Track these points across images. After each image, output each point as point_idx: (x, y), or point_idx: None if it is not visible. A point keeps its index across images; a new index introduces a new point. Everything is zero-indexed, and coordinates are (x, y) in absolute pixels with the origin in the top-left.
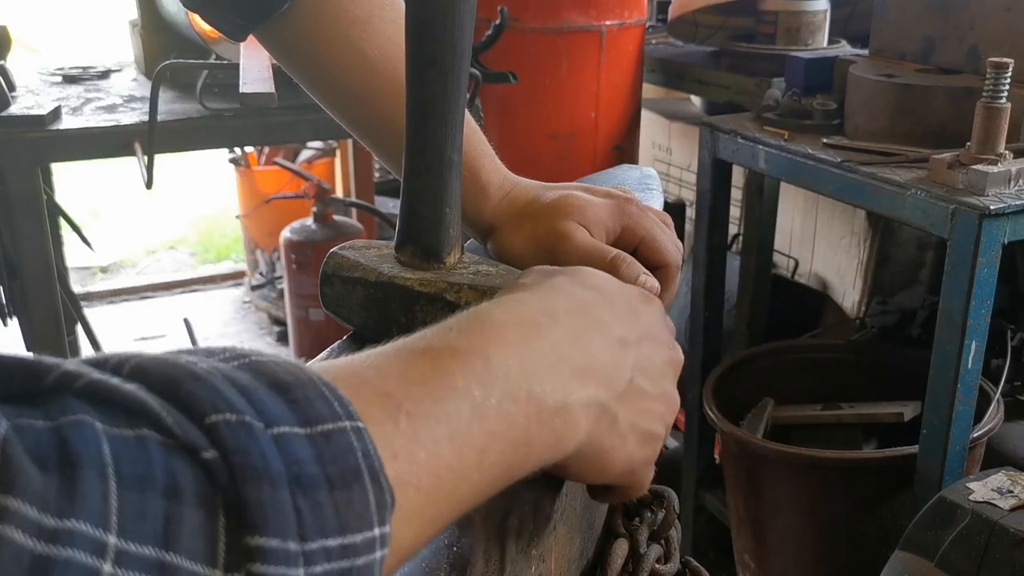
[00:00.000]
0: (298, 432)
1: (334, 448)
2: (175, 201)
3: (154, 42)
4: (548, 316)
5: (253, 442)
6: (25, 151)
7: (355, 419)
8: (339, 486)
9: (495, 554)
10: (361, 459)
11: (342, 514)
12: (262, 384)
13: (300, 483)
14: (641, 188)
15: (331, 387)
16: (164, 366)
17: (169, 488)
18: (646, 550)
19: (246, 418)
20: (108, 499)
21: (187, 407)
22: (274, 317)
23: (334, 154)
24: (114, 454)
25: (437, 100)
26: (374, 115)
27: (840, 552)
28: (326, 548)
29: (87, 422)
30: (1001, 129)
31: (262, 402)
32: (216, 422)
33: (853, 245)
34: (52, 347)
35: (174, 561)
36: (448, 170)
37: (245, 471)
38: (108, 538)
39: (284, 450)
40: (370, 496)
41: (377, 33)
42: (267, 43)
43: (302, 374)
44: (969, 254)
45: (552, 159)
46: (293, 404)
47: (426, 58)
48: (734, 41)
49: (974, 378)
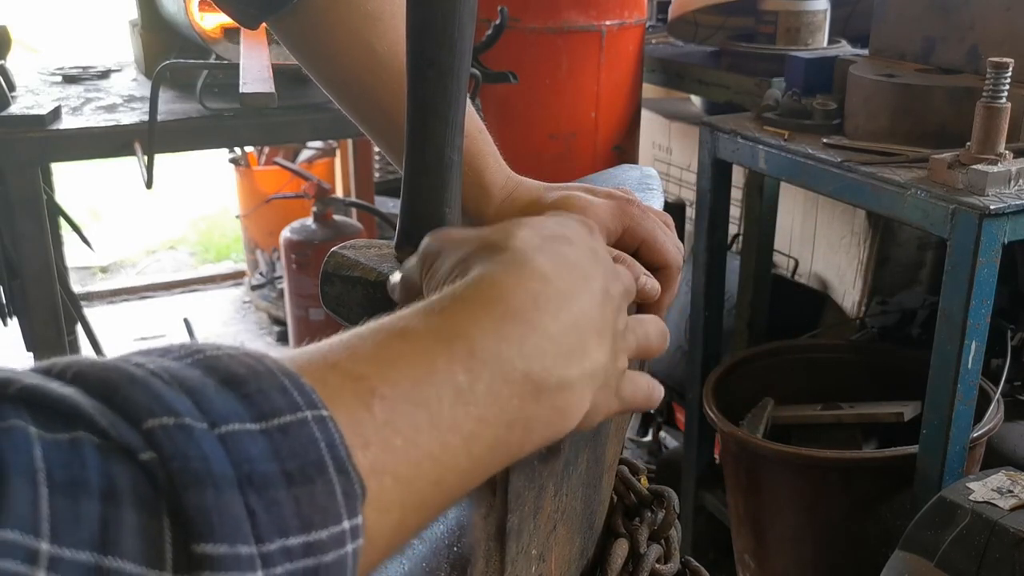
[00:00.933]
0: (250, 428)
1: (292, 442)
2: (175, 201)
3: (154, 42)
4: (542, 281)
5: (193, 445)
6: (25, 151)
7: (318, 408)
8: (299, 481)
9: (495, 554)
10: (325, 450)
11: (304, 511)
12: (212, 380)
13: (252, 482)
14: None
15: (292, 376)
16: (103, 371)
17: (106, 491)
18: (646, 550)
19: (185, 420)
20: (39, 505)
21: (123, 412)
22: (274, 317)
23: (334, 154)
24: (46, 459)
25: (437, 100)
26: (380, 110)
27: (840, 552)
28: (286, 548)
29: (18, 427)
30: (1001, 129)
31: (210, 400)
32: (152, 427)
33: (853, 245)
34: (52, 347)
35: (114, 565)
36: (448, 170)
37: (184, 477)
38: (40, 544)
39: (233, 450)
40: (336, 488)
41: (388, 29)
42: (279, 33)
43: (259, 365)
44: (969, 254)
45: (552, 159)
46: (246, 399)
47: (426, 58)
48: (734, 41)
49: (974, 378)
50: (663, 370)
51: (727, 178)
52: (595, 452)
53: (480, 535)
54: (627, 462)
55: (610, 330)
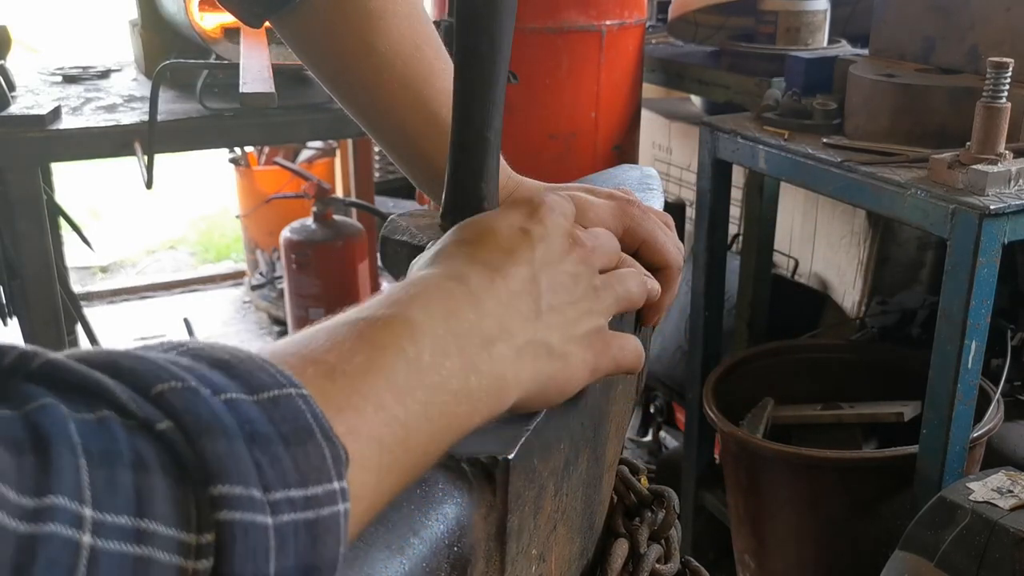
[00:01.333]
0: (245, 398)
1: (283, 410)
2: (175, 201)
3: (154, 42)
4: (457, 280)
5: (202, 403)
6: (25, 151)
7: (298, 386)
8: (294, 442)
9: (495, 554)
10: (311, 419)
11: (301, 467)
12: (202, 364)
13: (255, 439)
14: (642, 188)
15: (269, 361)
16: (101, 353)
17: (136, 462)
18: (646, 550)
19: (191, 383)
20: (80, 474)
21: (132, 383)
22: (274, 317)
23: (334, 154)
24: (81, 433)
25: (478, 84)
26: (382, 108)
27: (840, 552)
28: (290, 498)
29: (53, 404)
30: (1001, 129)
31: (206, 376)
32: (162, 391)
33: (853, 245)
34: (52, 347)
35: (150, 527)
36: (486, 148)
37: (198, 426)
38: (84, 511)
39: (235, 411)
40: (325, 451)
41: (390, 28)
42: (282, 31)
43: (240, 352)
44: (969, 254)
45: (552, 159)
46: (236, 378)
47: (471, 44)
48: (734, 41)
49: (974, 378)
50: (663, 370)
51: (727, 178)
52: (595, 452)
53: (480, 535)
54: (627, 462)
55: (534, 309)
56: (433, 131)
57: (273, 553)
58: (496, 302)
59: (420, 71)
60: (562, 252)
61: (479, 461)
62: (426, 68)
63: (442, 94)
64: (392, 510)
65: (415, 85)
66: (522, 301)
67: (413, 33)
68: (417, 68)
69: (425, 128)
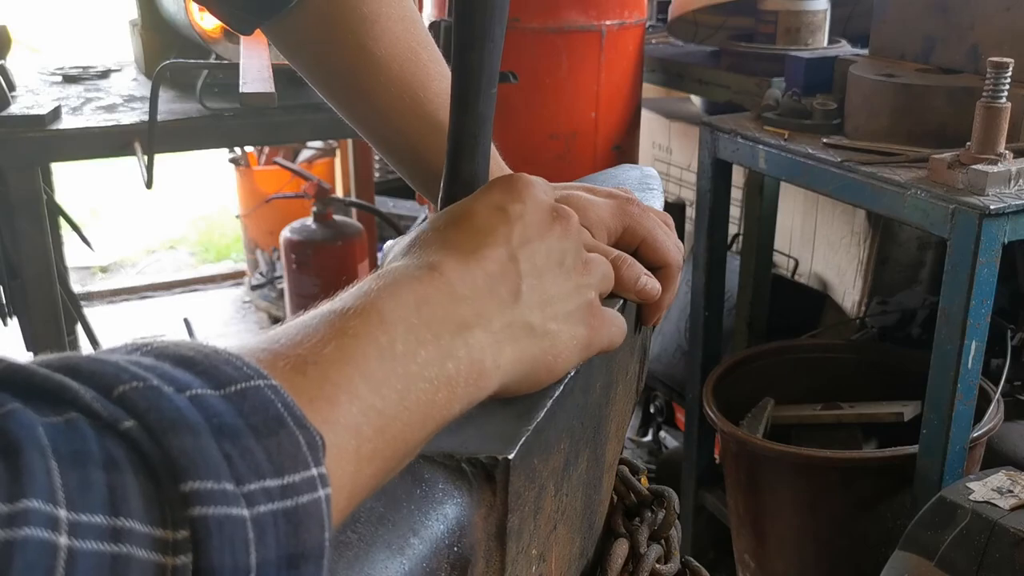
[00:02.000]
0: (211, 393)
1: (252, 402)
2: (175, 201)
3: (154, 42)
4: (429, 268)
5: (165, 400)
6: (25, 151)
7: (266, 377)
8: (265, 433)
9: (495, 554)
10: (282, 408)
11: (274, 457)
12: (166, 362)
13: (224, 432)
14: (642, 188)
15: (236, 355)
16: (61, 358)
17: (107, 461)
18: (646, 550)
19: (153, 382)
20: (52, 476)
21: (93, 384)
22: (274, 317)
23: (334, 154)
24: (50, 436)
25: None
26: (378, 112)
27: (840, 552)
28: (265, 488)
29: (19, 409)
30: (1001, 129)
31: (168, 373)
32: (124, 391)
33: (853, 245)
34: (52, 347)
35: (126, 525)
36: (483, 136)
37: (162, 424)
38: (59, 512)
39: (200, 407)
40: (299, 439)
41: (385, 31)
42: (273, 37)
43: (204, 348)
44: (969, 254)
45: (552, 159)
46: (201, 374)
47: (478, 35)
48: (734, 41)
49: (974, 378)
50: (663, 370)
51: (727, 178)
52: (595, 452)
53: (480, 535)
54: (627, 462)
55: (511, 291)
56: (431, 134)
57: (253, 545)
58: (471, 287)
59: (417, 74)
60: (542, 227)
61: (479, 461)
62: (422, 71)
63: (439, 96)
64: (392, 510)
65: (411, 88)
66: (500, 283)
67: (408, 36)
68: (414, 71)
69: (423, 131)
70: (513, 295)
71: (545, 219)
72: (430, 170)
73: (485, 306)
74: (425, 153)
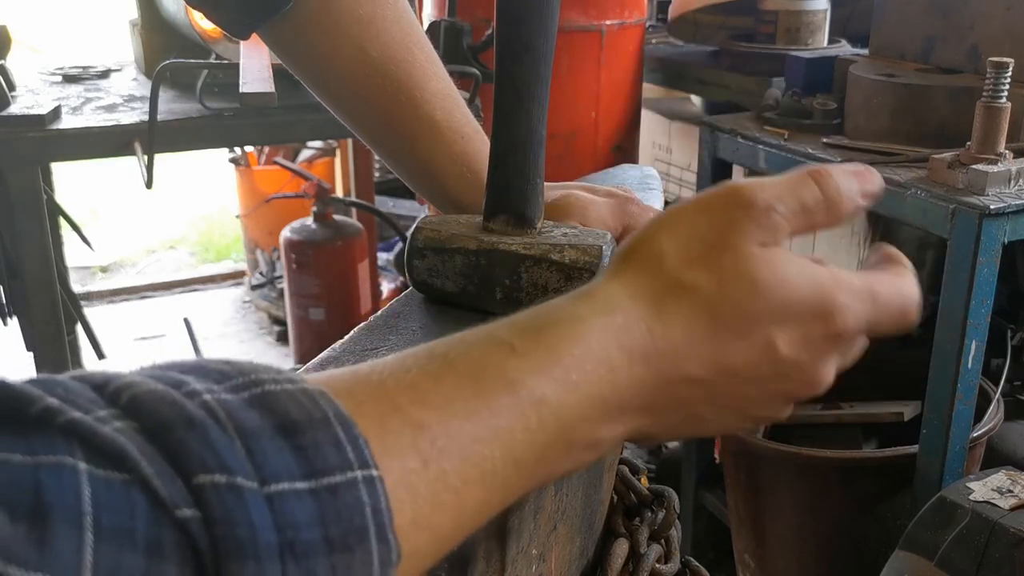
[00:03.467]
0: (299, 488)
1: (339, 504)
2: (175, 201)
3: (154, 42)
4: (627, 354)
5: (241, 509)
6: (25, 151)
7: (369, 467)
8: (340, 548)
9: (495, 554)
10: (369, 516)
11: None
12: (268, 426)
13: (294, 551)
14: (642, 187)
15: (348, 424)
16: (160, 404)
17: (152, 544)
18: (646, 550)
19: (237, 480)
20: (83, 552)
21: (175, 459)
22: (274, 317)
23: (334, 154)
24: (95, 501)
25: (531, 81)
26: (375, 114)
27: (840, 552)
28: None
29: (68, 465)
30: (1001, 129)
31: (264, 452)
32: (203, 484)
33: (853, 245)
34: (52, 347)
35: None
36: (540, 145)
37: (228, 544)
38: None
39: (279, 512)
40: (374, 557)
41: (381, 33)
42: (270, 40)
43: (316, 410)
44: (969, 254)
45: (552, 159)
46: (300, 452)
47: (523, 43)
48: (734, 41)
49: (974, 378)
50: None
51: (727, 178)
52: None
53: (480, 535)
54: (627, 462)
55: (677, 414)
56: (428, 134)
57: None
58: (643, 398)
59: (413, 75)
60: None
61: None
62: (419, 72)
63: (436, 97)
64: None
65: (408, 89)
66: (672, 407)
67: (404, 37)
68: (411, 72)
69: (420, 131)
70: (667, 417)
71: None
72: (429, 170)
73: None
74: (422, 153)
